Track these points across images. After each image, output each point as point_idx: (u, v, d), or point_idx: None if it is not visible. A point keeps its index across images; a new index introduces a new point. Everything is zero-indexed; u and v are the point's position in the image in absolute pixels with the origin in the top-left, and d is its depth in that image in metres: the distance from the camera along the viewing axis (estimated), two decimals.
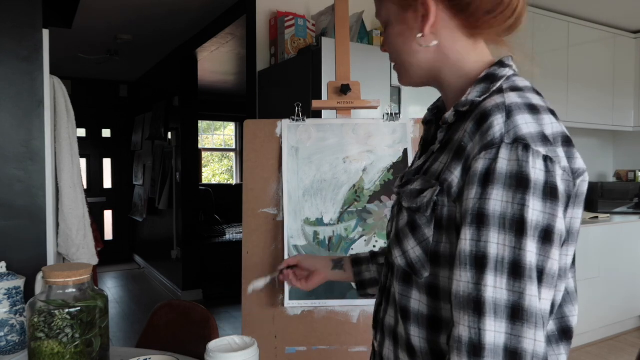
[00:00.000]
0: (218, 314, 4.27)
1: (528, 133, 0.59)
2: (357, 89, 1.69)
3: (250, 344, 1.07)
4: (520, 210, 0.56)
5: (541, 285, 0.57)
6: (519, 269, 0.56)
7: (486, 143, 0.60)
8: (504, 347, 0.56)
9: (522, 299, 0.56)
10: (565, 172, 0.59)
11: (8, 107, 1.74)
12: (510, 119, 0.60)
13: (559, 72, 3.63)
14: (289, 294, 1.58)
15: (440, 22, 0.70)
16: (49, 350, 1.08)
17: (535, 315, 0.56)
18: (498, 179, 0.58)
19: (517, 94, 0.64)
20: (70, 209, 1.93)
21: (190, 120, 4.72)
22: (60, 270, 1.12)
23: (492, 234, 0.57)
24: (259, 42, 2.73)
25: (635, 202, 3.96)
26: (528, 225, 0.56)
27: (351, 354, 1.57)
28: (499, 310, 0.56)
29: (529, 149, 0.57)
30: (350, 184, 1.63)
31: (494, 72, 0.69)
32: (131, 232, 6.45)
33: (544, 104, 0.64)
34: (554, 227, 0.57)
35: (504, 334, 0.56)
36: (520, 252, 0.56)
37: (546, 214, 0.57)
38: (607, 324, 3.51)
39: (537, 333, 0.56)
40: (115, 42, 4.36)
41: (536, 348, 0.55)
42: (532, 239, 0.56)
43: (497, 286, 0.56)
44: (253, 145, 1.65)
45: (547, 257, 0.57)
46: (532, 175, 0.57)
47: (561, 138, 0.61)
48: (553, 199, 0.57)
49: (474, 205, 0.59)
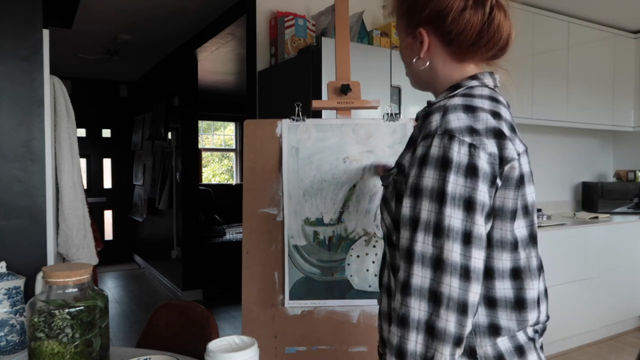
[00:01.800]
0: (218, 314, 4.27)
1: (456, 127, 0.76)
2: (357, 89, 1.69)
3: (250, 344, 1.07)
4: (442, 184, 0.74)
5: (470, 245, 0.73)
6: (440, 230, 0.73)
7: (425, 134, 0.79)
8: (428, 288, 0.73)
9: (441, 253, 0.73)
10: (490, 157, 0.75)
11: (8, 107, 1.74)
12: (444, 116, 0.78)
13: (559, 72, 3.63)
14: (289, 294, 1.58)
15: (433, 50, 0.88)
16: (49, 350, 1.08)
17: (452, 266, 0.72)
18: (430, 161, 0.76)
19: (463, 98, 0.81)
20: (70, 209, 1.94)
21: (190, 120, 4.72)
22: (60, 270, 1.12)
23: (424, 203, 0.75)
24: (259, 42, 2.73)
25: (635, 202, 3.96)
26: (448, 196, 0.73)
27: (351, 354, 1.57)
28: (425, 260, 0.74)
29: (454, 138, 0.75)
30: (350, 184, 1.63)
31: (460, 83, 0.86)
32: (131, 232, 6.45)
33: (487, 107, 0.80)
34: (475, 198, 0.73)
35: (428, 279, 0.73)
36: (441, 217, 0.73)
37: (467, 187, 0.73)
38: (607, 324, 3.51)
39: (453, 280, 0.72)
40: (115, 42, 4.36)
41: (452, 292, 0.72)
42: (452, 207, 0.73)
43: (425, 242, 0.74)
44: (253, 145, 1.65)
45: (472, 223, 0.73)
46: (455, 158, 0.74)
47: (492, 132, 0.77)
48: (473, 176, 0.74)
49: (413, 181, 0.78)
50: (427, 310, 0.73)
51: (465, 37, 0.83)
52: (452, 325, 0.71)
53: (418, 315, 0.73)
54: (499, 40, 0.84)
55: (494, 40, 0.84)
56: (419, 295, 0.73)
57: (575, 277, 3.28)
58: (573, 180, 4.26)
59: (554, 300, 3.17)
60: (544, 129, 3.98)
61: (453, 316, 0.72)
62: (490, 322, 0.81)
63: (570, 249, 3.24)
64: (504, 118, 0.81)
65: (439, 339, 0.72)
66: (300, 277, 1.61)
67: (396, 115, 1.67)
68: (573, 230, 3.27)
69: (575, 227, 3.29)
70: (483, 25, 0.82)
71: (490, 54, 0.86)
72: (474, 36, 0.83)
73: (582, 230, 3.31)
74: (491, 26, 0.82)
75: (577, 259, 3.29)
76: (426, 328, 0.72)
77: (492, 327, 0.80)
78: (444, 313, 0.72)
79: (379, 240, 1.61)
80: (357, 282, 1.61)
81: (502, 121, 0.80)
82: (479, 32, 0.83)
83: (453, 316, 0.72)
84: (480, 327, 0.81)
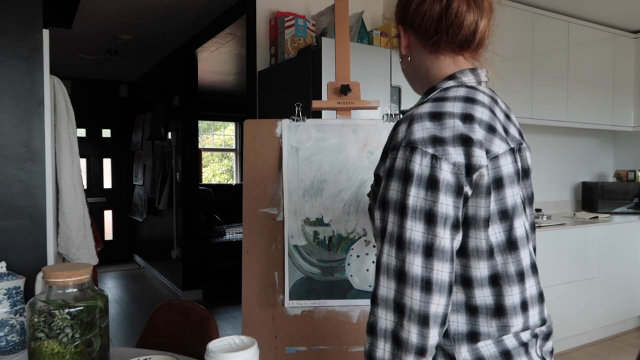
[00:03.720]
0: (218, 314, 4.27)
1: (420, 138, 0.76)
2: (357, 89, 1.69)
3: (250, 344, 1.07)
4: (403, 197, 0.75)
5: (431, 258, 0.73)
6: (401, 242, 0.74)
7: (392, 146, 0.80)
8: (393, 299, 0.75)
9: (403, 265, 0.74)
10: (455, 166, 0.75)
11: (8, 107, 1.74)
12: (410, 127, 0.78)
13: (559, 72, 3.63)
14: (289, 294, 1.58)
15: (412, 44, 0.91)
16: (49, 350, 1.08)
17: (413, 279, 0.73)
18: (395, 174, 0.77)
19: (433, 104, 0.80)
20: (70, 209, 1.94)
21: (190, 120, 4.72)
22: (60, 270, 1.12)
23: (389, 215, 0.77)
24: (259, 42, 2.73)
25: (635, 202, 3.96)
26: (409, 209, 0.74)
27: (351, 354, 1.57)
28: (390, 272, 0.76)
29: (416, 150, 0.75)
30: (350, 184, 1.63)
31: (436, 85, 0.87)
32: (131, 232, 6.45)
33: (459, 111, 0.78)
34: (435, 211, 0.74)
35: (393, 290, 0.75)
36: (402, 230, 0.75)
37: (428, 201, 0.74)
38: (607, 324, 3.51)
39: (414, 293, 0.73)
40: (115, 42, 4.36)
41: (413, 304, 0.73)
42: (412, 219, 0.74)
43: (389, 254, 0.76)
44: (253, 145, 1.65)
45: (434, 235, 0.74)
46: (416, 171, 0.74)
47: (460, 139, 0.76)
48: (434, 189, 0.74)
49: (381, 194, 0.79)
50: (392, 320, 0.75)
51: (427, 22, 0.86)
52: (414, 337, 0.73)
53: (385, 325, 0.76)
54: (461, 28, 0.85)
55: (454, 28, 0.85)
56: (385, 305, 0.76)
57: (575, 277, 3.28)
58: (573, 180, 4.26)
59: (554, 300, 3.17)
60: (544, 129, 3.98)
61: (415, 327, 0.73)
62: (470, 330, 0.81)
63: (570, 249, 3.24)
64: (478, 119, 0.78)
65: (403, 348, 0.74)
66: (301, 277, 1.61)
67: (396, 115, 1.67)
68: (573, 230, 3.27)
69: (575, 227, 3.29)
70: (441, 12, 0.85)
71: (458, 43, 0.87)
72: (434, 23, 0.85)
73: (582, 230, 3.31)
74: (448, 12, 0.84)
75: (577, 259, 3.29)
76: (392, 337, 0.75)
77: (472, 334, 0.81)
78: (407, 324, 0.74)
79: None
80: (357, 282, 1.61)
81: (475, 124, 0.77)
82: (438, 19, 0.85)
83: (415, 327, 0.73)
84: (459, 335, 0.81)
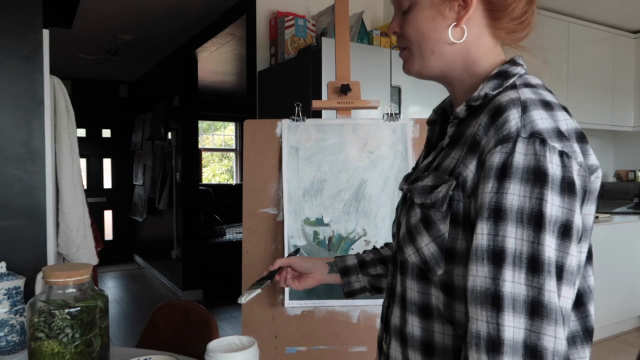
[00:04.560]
0: (218, 314, 4.26)
1: (544, 128, 0.59)
2: (357, 89, 1.69)
3: (250, 344, 1.07)
4: (539, 204, 0.56)
5: (561, 282, 0.56)
6: (537, 264, 0.55)
7: (502, 137, 0.60)
8: (524, 343, 0.55)
9: (541, 295, 0.55)
10: (581, 168, 0.59)
11: (8, 107, 1.74)
12: (526, 113, 0.60)
13: (559, 72, 3.63)
14: (289, 294, 1.58)
15: (474, 19, 0.71)
16: (49, 350, 1.08)
17: (555, 312, 0.55)
18: (515, 173, 0.58)
19: (530, 90, 0.64)
20: (70, 209, 1.93)
21: (190, 120, 4.72)
22: (60, 270, 1.12)
23: (510, 228, 0.57)
24: (259, 42, 2.73)
25: (635, 202, 3.96)
26: (547, 219, 0.56)
27: (351, 354, 1.57)
28: (517, 305, 0.55)
29: (546, 144, 0.58)
30: (350, 184, 1.63)
31: (506, 69, 0.70)
32: (131, 232, 6.45)
33: (556, 101, 0.64)
34: (572, 223, 0.57)
35: (523, 329, 0.55)
36: (538, 247, 0.56)
37: (564, 209, 0.57)
38: (607, 324, 3.51)
39: (558, 330, 0.55)
40: (115, 42, 4.36)
41: (557, 345, 0.55)
42: (550, 233, 0.56)
43: (516, 281, 0.56)
44: (253, 145, 1.65)
45: (566, 253, 0.57)
46: (549, 170, 0.57)
47: (575, 134, 0.61)
48: (570, 194, 0.57)
49: (491, 200, 0.59)
50: None
51: (516, 7, 0.71)
52: None
53: None
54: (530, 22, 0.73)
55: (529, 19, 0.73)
56: (512, 352, 0.55)
57: None
58: None
59: None
60: None
61: None
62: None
63: None
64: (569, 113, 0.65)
65: None
66: None
67: (396, 115, 1.67)
68: None
69: None
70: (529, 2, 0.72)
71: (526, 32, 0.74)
72: (523, 7, 0.71)
73: None
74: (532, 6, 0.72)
75: None
76: None
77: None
78: None
79: (379, 241, 1.61)
80: None
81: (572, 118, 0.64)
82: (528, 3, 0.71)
83: None
84: None
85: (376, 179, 1.63)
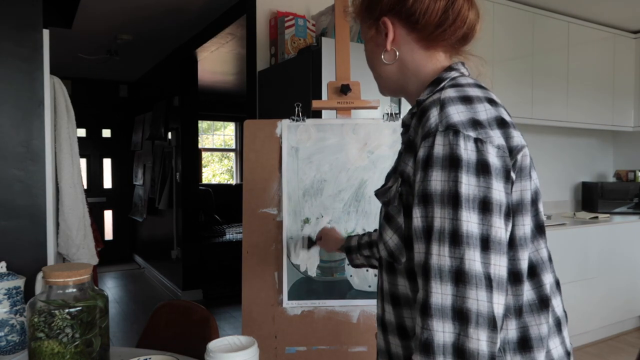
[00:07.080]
0: (218, 314, 4.26)
1: (459, 121, 0.68)
2: (357, 89, 1.69)
3: (250, 344, 1.07)
4: (455, 186, 0.65)
5: (488, 251, 0.65)
6: (457, 237, 0.64)
7: (425, 133, 0.70)
8: (451, 307, 0.63)
9: (462, 264, 0.64)
10: (499, 149, 0.68)
11: (8, 107, 1.74)
12: (443, 110, 0.70)
13: (559, 72, 3.63)
14: (289, 294, 1.58)
15: (399, 38, 0.82)
16: (49, 350, 1.08)
17: (476, 277, 0.63)
18: (436, 162, 0.67)
19: (454, 89, 0.74)
20: (70, 209, 1.94)
21: (190, 120, 4.72)
22: (60, 270, 1.12)
23: (435, 209, 0.66)
24: (259, 42, 2.73)
25: (635, 202, 3.96)
26: (463, 198, 0.65)
27: (351, 354, 1.57)
28: (444, 275, 0.64)
29: (459, 134, 0.67)
30: (350, 184, 1.63)
31: (440, 76, 0.80)
32: (131, 232, 6.45)
33: (481, 95, 0.73)
34: (491, 198, 0.65)
35: (450, 295, 0.64)
36: (457, 223, 0.64)
37: (481, 187, 0.65)
38: (607, 324, 3.51)
39: (479, 293, 0.63)
40: (115, 42, 4.36)
41: (480, 307, 0.63)
42: (468, 210, 0.65)
43: (441, 254, 0.65)
44: (253, 145, 1.65)
45: (489, 226, 0.65)
46: (463, 156, 0.66)
47: (495, 121, 0.70)
48: (485, 174, 0.66)
49: (419, 187, 0.69)
50: (453, 331, 0.63)
51: (430, 15, 0.78)
52: (485, 345, 0.62)
53: (444, 339, 0.63)
54: (464, 24, 0.79)
55: (459, 22, 0.79)
56: (442, 315, 0.63)
57: (575, 277, 3.28)
58: (573, 180, 4.26)
59: None
60: (544, 129, 3.98)
61: (484, 334, 0.62)
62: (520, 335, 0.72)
63: (570, 249, 3.24)
64: (500, 103, 0.74)
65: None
66: (300, 277, 1.61)
67: (396, 115, 1.67)
68: (573, 230, 3.27)
69: (575, 227, 3.29)
70: (447, 5, 0.78)
71: (458, 36, 0.80)
72: (439, 15, 0.78)
73: (582, 230, 3.31)
74: (454, 6, 0.78)
75: (577, 259, 3.29)
76: (456, 351, 0.62)
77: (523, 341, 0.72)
78: (474, 332, 0.62)
79: None
80: (357, 282, 1.61)
81: (500, 107, 0.73)
82: (444, 11, 0.78)
83: (484, 334, 0.62)
84: (510, 344, 0.72)
85: (376, 179, 1.63)
